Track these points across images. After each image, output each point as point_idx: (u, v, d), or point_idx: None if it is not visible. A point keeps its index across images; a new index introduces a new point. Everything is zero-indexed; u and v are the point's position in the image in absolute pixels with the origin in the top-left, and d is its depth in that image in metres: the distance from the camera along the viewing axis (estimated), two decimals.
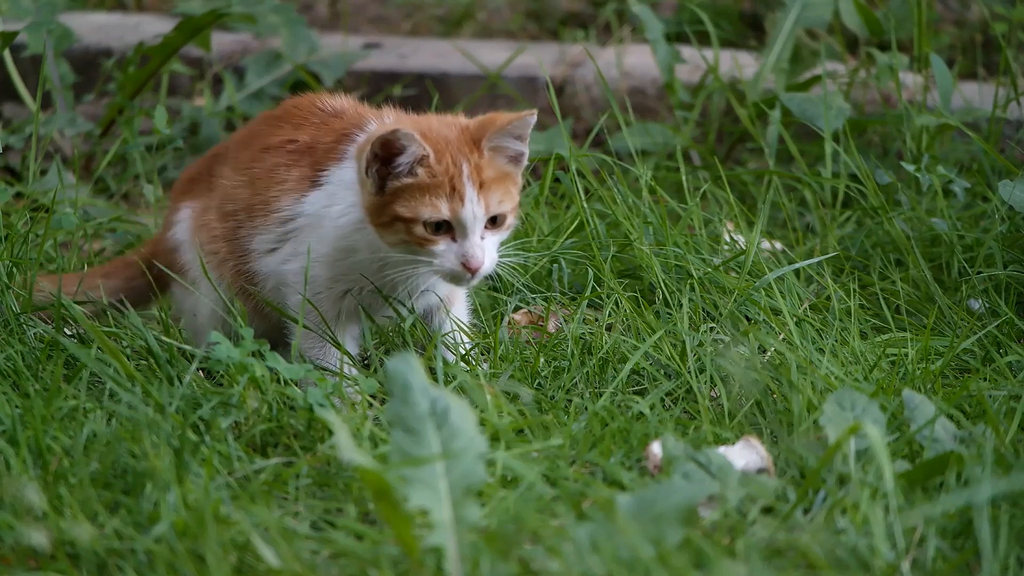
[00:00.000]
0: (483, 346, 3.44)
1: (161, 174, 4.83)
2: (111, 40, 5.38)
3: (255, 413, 3.11)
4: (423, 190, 3.17)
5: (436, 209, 3.17)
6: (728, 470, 2.79)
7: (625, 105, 4.80)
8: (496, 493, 2.76)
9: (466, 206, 3.17)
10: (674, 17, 5.45)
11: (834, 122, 4.27)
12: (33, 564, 2.64)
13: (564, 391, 3.32)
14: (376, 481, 2.52)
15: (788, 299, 3.57)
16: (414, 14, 6.10)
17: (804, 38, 4.99)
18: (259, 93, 5.09)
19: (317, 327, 3.33)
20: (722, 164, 4.44)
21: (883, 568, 2.57)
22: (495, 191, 3.19)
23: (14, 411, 2.96)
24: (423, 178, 3.17)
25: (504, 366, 3.34)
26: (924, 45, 4.49)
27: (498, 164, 3.22)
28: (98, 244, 4.36)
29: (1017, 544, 2.62)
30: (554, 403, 3.22)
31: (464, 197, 3.17)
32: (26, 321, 3.41)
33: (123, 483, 2.83)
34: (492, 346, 3.40)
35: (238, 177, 3.40)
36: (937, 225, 3.97)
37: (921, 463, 2.88)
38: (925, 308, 3.76)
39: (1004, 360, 3.44)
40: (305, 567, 2.58)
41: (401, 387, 2.60)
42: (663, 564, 2.45)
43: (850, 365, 3.35)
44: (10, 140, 4.80)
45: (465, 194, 3.17)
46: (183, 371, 3.23)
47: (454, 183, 3.17)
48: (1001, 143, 4.51)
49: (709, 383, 3.27)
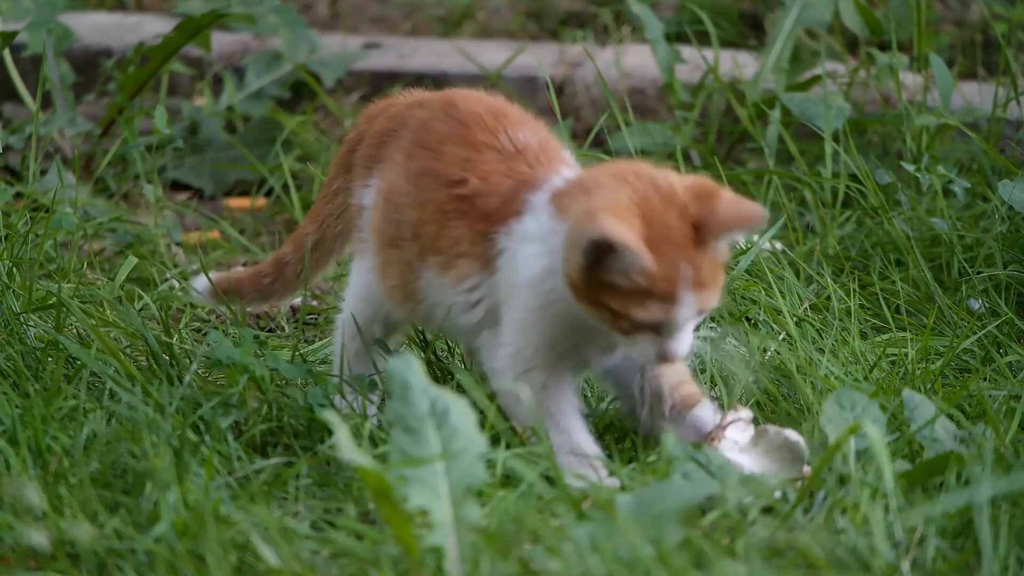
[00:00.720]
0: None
1: (161, 174, 4.84)
2: (111, 40, 5.38)
3: (255, 413, 3.11)
4: (638, 293, 2.81)
5: (649, 312, 2.82)
6: (728, 469, 2.79)
7: (625, 105, 4.80)
8: (496, 493, 2.76)
9: (682, 311, 2.83)
10: (674, 17, 5.45)
11: (834, 122, 4.27)
12: (33, 564, 2.64)
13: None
14: (376, 481, 2.52)
15: (788, 299, 3.57)
16: (414, 14, 6.10)
17: (804, 38, 4.99)
18: (259, 93, 5.09)
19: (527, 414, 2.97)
20: (722, 164, 4.44)
21: (883, 568, 2.57)
22: (711, 289, 2.85)
23: (14, 411, 2.96)
24: (639, 282, 2.80)
25: None
26: (924, 45, 4.49)
27: (716, 257, 2.87)
28: (98, 244, 4.36)
29: (1017, 544, 2.62)
30: None
31: (680, 303, 2.82)
32: (26, 321, 3.41)
33: (123, 483, 2.83)
34: None
35: (406, 185, 3.06)
36: (937, 225, 3.96)
37: (921, 463, 2.88)
38: (925, 308, 3.76)
39: (1004, 360, 3.43)
40: (305, 567, 2.58)
41: (401, 387, 2.60)
42: (663, 564, 2.45)
43: (850, 365, 3.35)
44: (10, 140, 4.80)
45: (682, 300, 2.82)
46: (183, 371, 3.23)
47: (672, 288, 2.82)
48: (1001, 143, 4.51)
49: (709, 383, 3.27)
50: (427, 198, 3.01)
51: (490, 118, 3.02)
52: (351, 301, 3.22)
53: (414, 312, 3.10)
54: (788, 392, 3.24)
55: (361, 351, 3.22)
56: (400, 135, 3.12)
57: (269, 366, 3.15)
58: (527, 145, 2.99)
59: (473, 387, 2.81)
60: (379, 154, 3.16)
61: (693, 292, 2.82)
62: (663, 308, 2.82)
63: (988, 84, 4.88)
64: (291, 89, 5.14)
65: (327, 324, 3.84)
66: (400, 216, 3.04)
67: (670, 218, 2.82)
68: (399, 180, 3.06)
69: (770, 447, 2.99)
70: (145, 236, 4.35)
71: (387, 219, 3.07)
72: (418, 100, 3.18)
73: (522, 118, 3.05)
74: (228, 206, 4.84)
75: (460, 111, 3.05)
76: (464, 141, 3.01)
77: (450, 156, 3.00)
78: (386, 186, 3.08)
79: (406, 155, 3.07)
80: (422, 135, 3.06)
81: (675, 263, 2.81)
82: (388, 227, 3.07)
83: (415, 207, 3.02)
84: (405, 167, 3.05)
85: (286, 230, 4.62)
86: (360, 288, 3.20)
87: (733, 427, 3.01)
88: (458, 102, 3.07)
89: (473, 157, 2.99)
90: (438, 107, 3.09)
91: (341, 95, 5.29)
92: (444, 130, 3.04)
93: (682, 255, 2.81)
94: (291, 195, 4.61)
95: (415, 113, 3.12)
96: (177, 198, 4.86)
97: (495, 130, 3.00)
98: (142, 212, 4.55)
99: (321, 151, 4.87)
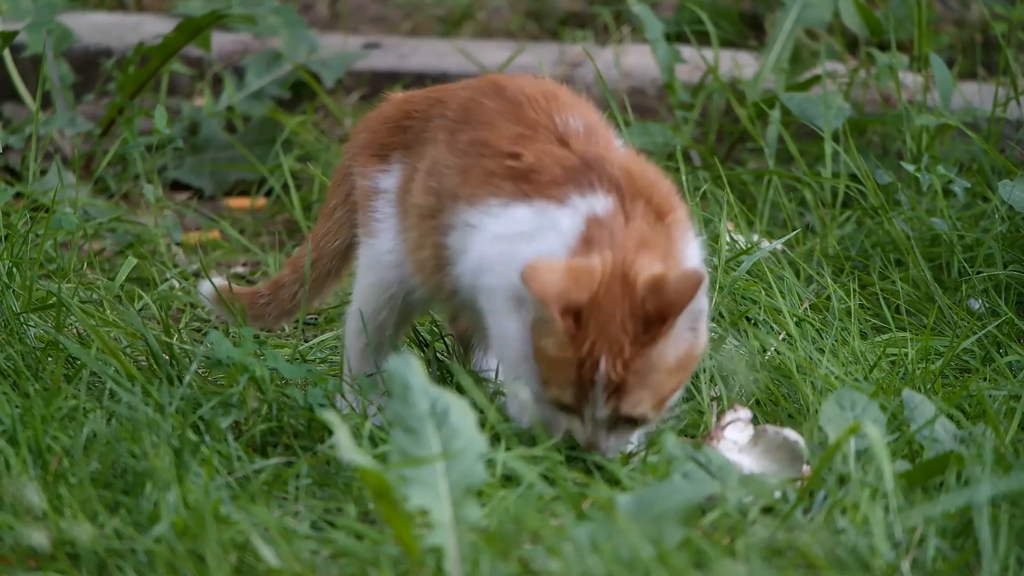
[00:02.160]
0: None
1: (161, 174, 4.84)
2: (111, 40, 5.38)
3: (255, 413, 3.11)
4: (554, 365, 2.78)
5: (560, 392, 2.78)
6: (728, 469, 2.79)
7: (625, 105, 4.80)
8: (496, 493, 2.76)
9: (588, 406, 2.77)
10: (674, 17, 5.45)
11: (834, 122, 4.27)
12: (33, 564, 2.64)
13: None
14: (376, 481, 2.52)
15: (788, 298, 3.57)
16: (414, 14, 6.10)
17: (804, 38, 4.99)
18: (259, 93, 5.09)
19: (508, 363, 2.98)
20: (722, 164, 4.44)
21: (883, 568, 2.57)
22: (635, 393, 2.76)
23: (14, 411, 2.96)
24: (554, 353, 2.76)
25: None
26: (924, 45, 4.49)
27: (664, 351, 2.76)
28: (98, 244, 4.36)
29: (1017, 544, 2.62)
30: None
31: (588, 397, 2.76)
32: (26, 320, 3.41)
33: (123, 483, 2.82)
34: None
35: (451, 157, 3.00)
36: (937, 225, 3.96)
37: (921, 463, 2.88)
38: (925, 308, 3.76)
39: (1004, 360, 3.43)
40: (305, 567, 2.58)
41: (401, 387, 2.60)
42: (663, 564, 2.45)
43: (850, 365, 3.35)
44: (10, 140, 4.80)
45: (590, 394, 2.75)
46: (183, 371, 3.23)
47: (582, 375, 2.74)
48: (1001, 143, 4.51)
49: (710, 382, 3.27)
50: (474, 163, 2.96)
51: (542, 99, 2.98)
52: (359, 293, 3.20)
53: (441, 285, 3.04)
54: (788, 392, 3.24)
55: (366, 349, 3.21)
56: (431, 118, 3.09)
57: (269, 366, 3.15)
58: (574, 132, 2.95)
59: (473, 387, 2.81)
60: (398, 140, 3.14)
61: (609, 392, 2.76)
62: (574, 394, 2.78)
63: (988, 84, 4.88)
64: (291, 89, 5.14)
65: (327, 324, 3.84)
66: (441, 184, 3.00)
67: (617, 309, 2.75)
68: (442, 154, 3.02)
69: (769, 447, 2.99)
70: (145, 236, 4.35)
71: (427, 191, 3.03)
72: (440, 89, 3.18)
73: (572, 101, 3.02)
74: (228, 206, 4.84)
75: (507, 89, 3.01)
76: (516, 117, 2.97)
77: (503, 129, 2.96)
78: (427, 163, 3.05)
79: (450, 132, 3.03)
80: (468, 112, 3.03)
81: (593, 349, 2.75)
82: (428, 198, 3.02)
83: (459, 173, 2.98)
84: (450, 142, 3.02)
85: (286, 230, 4.62)
86: (370, 275, 3.17)
87: (732, 427, 3.01)
88: (506, 83, 3.05)
89: (527, 137, 2.95)
90: (486, 86, 3.06)
91: (341, 95, 5.29)
92: (494, 107, 3.00)
93: (607, 344, 2.75)
94: (291, 195, 4.61)
95: (456, 94, 3.10)
96: (177, 198, 4.86)
97: (547, 107, 2.97)
98: (142, 212, 4.55)
99: (321, 151, 4.87)
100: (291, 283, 3.37)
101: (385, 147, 3.17)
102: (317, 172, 4.29)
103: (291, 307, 3.39)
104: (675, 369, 2.80)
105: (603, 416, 2.80)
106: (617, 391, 2.77)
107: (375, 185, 3.15)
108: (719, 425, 3.01)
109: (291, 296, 3.37)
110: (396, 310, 3.18)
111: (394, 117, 3.18)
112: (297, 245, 4.50)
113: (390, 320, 3.19)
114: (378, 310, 3.17)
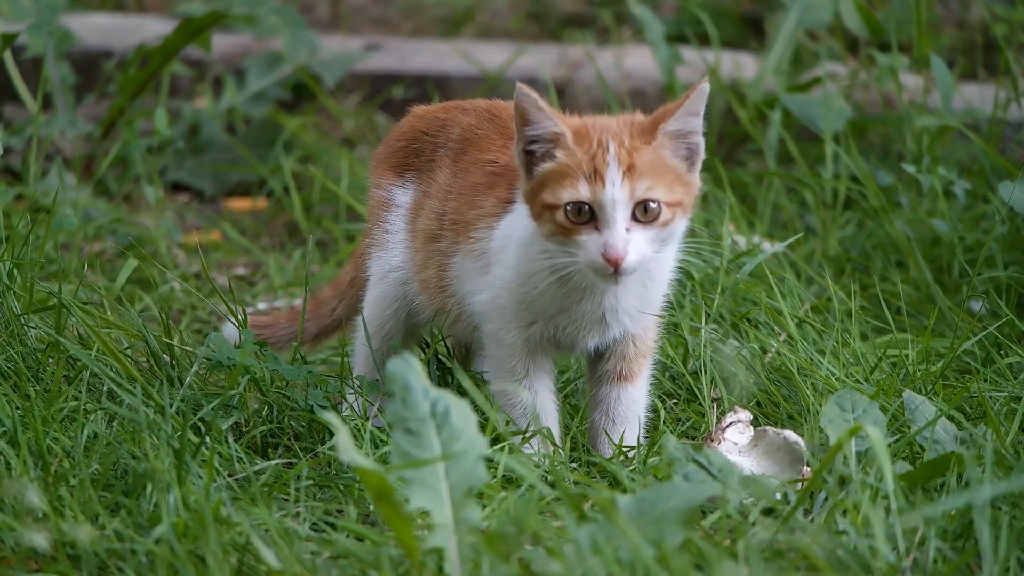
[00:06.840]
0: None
1: (162, 175, 4.84)
2: (112, 41, 5.39)
3: (256, 414, 3.11)
4: (564, 174, 2.93)
5: (575, 191, 2.93)
6: (729, 471, 2.79)
7: (625, 106, 4.80)
8: (497, 494, 2.76)
9: (607, 188, 2.92)
10: (674, 18, 5.45)
11: (835, 123, 4.27)
12: (34, 565, 2.64)
13: (564, 392, 3.32)
14: (377, 483, 2.52)
15: (789, 300, 3.57)
16: (415, 15, 6.11)
17: (805, 39, 4.99)
18: (260, 94, 5.10)
19: (503, 361, 3.13)
20: (723, 165, 4.44)
21: (884, 569, 2.57)
22: (647, 178, 2.93)
23: (15, 412, 2.96)
24: (562, 160, 2.94)
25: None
26: (924, 46, 4.49)
27: (663, 155, 2.97)
28: (99, 245, 4.36)
29: (1017, 545, 2.62)
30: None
31: (605, 179, 2.92)
32: (27, 322, 3.41)
33: (123, 484, 2.83)
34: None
35: (453, 180, 3.22)
36: (938, 226, 3.96)
37: (922, 464, 2.88)
38: (926, 309, 3.76)
39: (1005, 361, 3.43)
40: (305, 569, 2.58)
41: (401, 388, 2.60)
42: (664, 565, 2.45)
43: (851, 366, 3.35)
44: (11, 141, 4.80)
45: (607, 176, 2.92)
46: (184, 372, 3.23)
47: (596, 164, 2.92)
48: (1001, 144, 4.51)
49: (710, 384, 3.27)
50: (465, 182, 3.15)
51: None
52: (368, 302, 3.29)
53: (444, 305, 3.18)
54: (789, 393, 3.24)
55: (371, 356, 3.24)
56: (438, 147, 3.26)
57: (270, 367, 3.15)
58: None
59: (474, 389, 2.81)
60: (412, 162, 3.29)
61: (620, 172, 2.92)
62: (589, 186, 2.92)
63: (989, 85, 4.88)
64: (292, 90, 5.14)
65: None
66: (444, 208, 3.18)
67: (611, 123, 2.97)
68: (447, 177, 3.20)
69: (770, 448, 2.99)
70: (146, 237, 4.35)
71: (433, 215, 3.19)
72: (449, 108, 3.32)
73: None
74: (229, 207, 4.84)
75: (498, 114, 3.23)
76: (500, 133, 3.19)
77: (488, 145, 3.17)
78: (436, 186, 3.21)
79: (452, 160, 3.22)
80: (465, 138, 3.23)
81: (601, 141, 2.93)
82: (433, 222, 3.19)
83: (455, 197, 3.16)
84: (452, 169, 3.20)
85: (287, 231, 4.63)
86: (380, 286, 3.28)
87: (733, 429, 3.01)
88: (490, 107, 3.26)
89: (507, 145, 3.14)
90: (484, 112, 3.25)
91: (342, 96, 5.29)
92: (484, 130, 3.21)
93: (610, 137, 2.93)
94: (292, 196, 4.61)
95: (460, 120, 3.27)
96: (178, 199, 4.86)
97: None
98: (143, 213, 4.56)
99: (322, 152, 4.87)
100: (330, 299, 3.49)
101: (402, 165, 3.30)
102: (318, 173, 4.29)
103: (330, 322, 3.49)
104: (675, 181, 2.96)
105: (622, 198, 2.92)
106: (630, 171, 2.93)
107: (390, 197, 3.28)
108: (719, 427, 3.01)
109: (330, 311, 3.48)
110: (402, 323, 3.28)
111: (409, 135, 3.31)
112: (298, 246, 4.50)
113: (396, 331, 3.29)
114: (384, 321, 3.28)
